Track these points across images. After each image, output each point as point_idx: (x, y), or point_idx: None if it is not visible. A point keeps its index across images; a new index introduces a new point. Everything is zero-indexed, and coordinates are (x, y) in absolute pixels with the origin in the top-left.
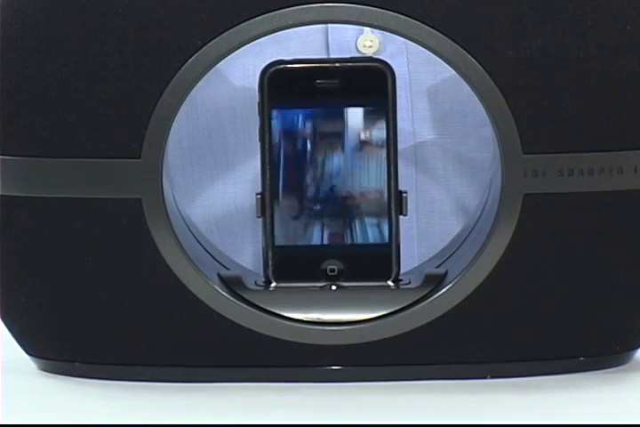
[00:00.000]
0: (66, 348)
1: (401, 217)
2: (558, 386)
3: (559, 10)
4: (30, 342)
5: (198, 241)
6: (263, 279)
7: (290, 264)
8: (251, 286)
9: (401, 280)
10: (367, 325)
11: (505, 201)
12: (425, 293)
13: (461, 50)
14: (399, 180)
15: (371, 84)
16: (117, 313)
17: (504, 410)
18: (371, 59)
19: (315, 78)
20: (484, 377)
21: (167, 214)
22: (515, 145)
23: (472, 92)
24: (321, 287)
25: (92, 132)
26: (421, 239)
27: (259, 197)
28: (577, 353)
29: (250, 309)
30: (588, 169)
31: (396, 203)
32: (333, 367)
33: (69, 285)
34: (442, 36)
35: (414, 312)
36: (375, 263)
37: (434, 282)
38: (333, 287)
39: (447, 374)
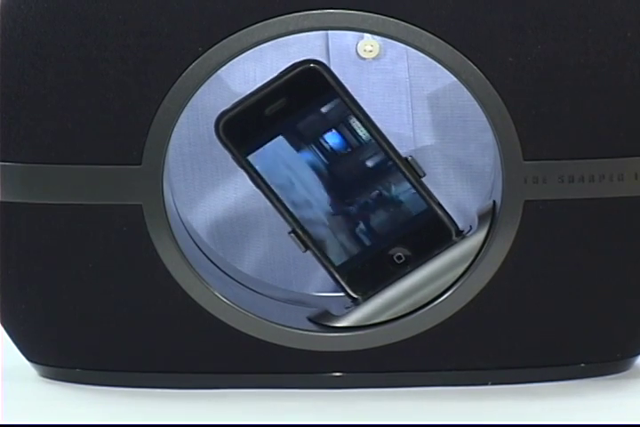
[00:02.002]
0: (66, 354)
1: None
2: (559, 393)
3: (560, 16)
4: (31, 348)
5: (199, 247)
6: (350, 301)
7: (361, 275)
8: (341, 311)
9: (462, 231)
10: (368, 331)
11: (505, 207)
12: (488, 228)
13: (462, 56)
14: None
15: (313, 87)
16: (118, 319)
17: (505, 417)
18: (296, 64)
19: (262, 109)
20: (485, 384)
21: (168, 220)
22: (515, 151)
23: (473, 98)
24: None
25: (92, 139)
26: None
27: (293, 235)
28: (578, 360)
29: (250, 315)
30: (588, 175)
31: (407, 170)
32: (335, 374)
33: (70, 291)
34: (442, 42)
35: (415, 319)
36: (431, 231)
37: (489, 216)
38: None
39: (448, 380)
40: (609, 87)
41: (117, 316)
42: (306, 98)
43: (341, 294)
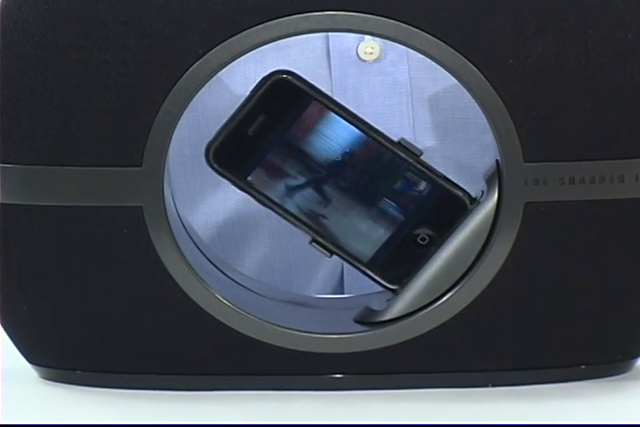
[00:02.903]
0: (67, 356)
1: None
2: (559, 394)
3: (560, 18)
4: (31, 349)
5: (200, 249)
6: (390, 293)
7: (391, 265)
8: (384, 305)
9: (475, 198)
10: (368, 333)
11: (506, 209)
12: (498, 188)
13: (462, 58)
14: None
15: (287, 96)
16: (119, 321)
17: (505, 418)
18: (264, 79)
19: (245, 131)
20: (486, 385)
21: (168, 222)
22: (516, 153)
23: (473, 99)
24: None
25: (92, 141)
26: None
27: (314, 243)
28: (578, 361)
29: (251, 316)
30: (589, 177)
31: (404, 152)
32: (334, 375)
33: (70, 293)
34: (443, 44)
35: (415, 320)
36: (446, 205)
37: (496, 176)
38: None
39: (448, 382)
40: (609, 89)
41: (118, 318)
42: (283, 109)
43: (342, 295)
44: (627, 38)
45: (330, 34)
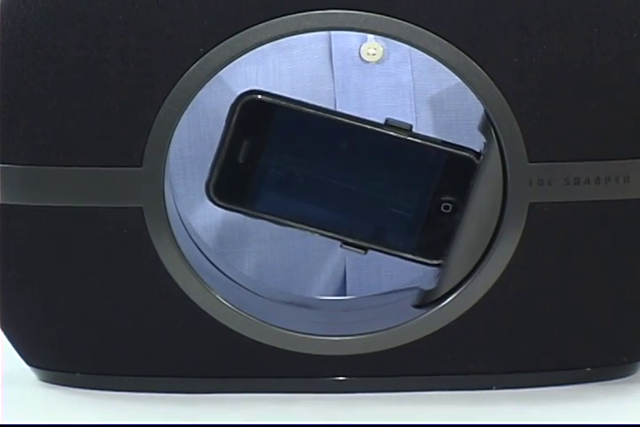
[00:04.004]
0: (66, 358)
1: None
2: (564, 397)
3: (565, 17)
4: (30, 352)
5: (200, 250)
6: (437, 269)
7: (426, 242)
8: (435, 282)
9: (479, 152)
10: (371, 335)
11: (510, 210)
12: (494, 136)
13: (466, 57)
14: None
15: (262, 114)
16: (118, 323)
17: (509, 421)
18: (233, 105)
19: (235, 160)
20: (490, 388)
21: (169, 223)
22: (520, 153)
23: (477, 101)
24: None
25: (92, 140)
26: None
27: (345, 246)
28: (583, 364)
29: (252, 318)
30: (594, 177)
31: (393, 130)
32: (337, 378)
33: (70, 294)
34: (446, 43)
35: (419, 322)
36: (455, 167)
37: (488, 124)
38: None
39: (452, 385)
40: (615, 88)
41: (118, 319)
42: (263, 128)
43: (344, 297)
44: (632, 37)
45: (332, 34)
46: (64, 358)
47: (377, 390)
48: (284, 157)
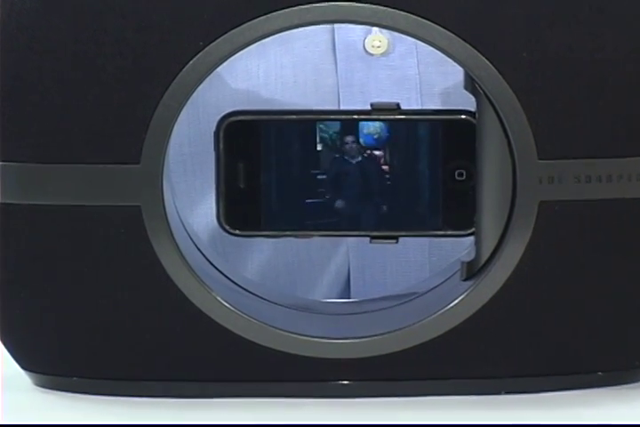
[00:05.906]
0: (64, 362)
1: None
2: (575, 402)
3: (575, 11)
4: (26, 356)
5: (200, 250)
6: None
7: (453, 213)
8: (473, 254)
9: (473, 112)
10: (376, 338)
11: (519, 208)
12: (481, 91)
13: (474, 51)
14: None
15: (247, 133)
16: (116, 326)
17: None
18: (217, 130)
19: (236, 186)
20: (498, 393)
21: (168, 222)
22: (529, 150)
23: None
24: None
25: (89, 137)
26: (432, 248)
27: (375, 241)
28: (594, 368)
29: (252, 320)
30: (605, 175)
31: (383, 113)
32: (341, 382)
33: (67, 296)
34: (454, 36)
35: (425, 325)
36: (454, 133)
37: (470, 81)
38: None
39: (459, 389)
40: (626, 83)
41: (115, 322)
42: (253, 146)
43: (348, 300)
44: None
45: (336, 27)
46: (61, 363)
47: (382, 394)
48: (283, 169)
